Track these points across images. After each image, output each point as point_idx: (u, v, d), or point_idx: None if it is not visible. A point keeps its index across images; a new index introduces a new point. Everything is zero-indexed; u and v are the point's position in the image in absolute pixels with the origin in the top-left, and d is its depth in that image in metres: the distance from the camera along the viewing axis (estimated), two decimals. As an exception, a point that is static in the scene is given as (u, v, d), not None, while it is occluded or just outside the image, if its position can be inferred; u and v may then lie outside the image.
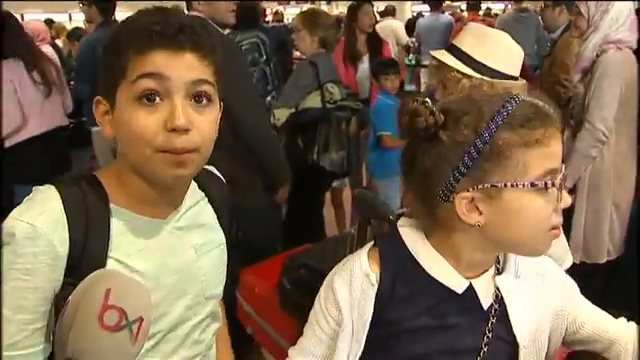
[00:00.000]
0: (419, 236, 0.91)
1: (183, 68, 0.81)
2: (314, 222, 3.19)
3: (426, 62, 6.81)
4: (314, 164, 2.93)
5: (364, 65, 3.92)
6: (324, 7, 16.94)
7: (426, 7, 9.88)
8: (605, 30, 2.28)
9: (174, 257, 0.91)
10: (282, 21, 10.09)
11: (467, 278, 0.89)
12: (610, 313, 1.01)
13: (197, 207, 0.98)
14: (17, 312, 0.74)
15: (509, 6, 16.15)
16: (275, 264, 2.14)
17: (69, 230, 0.79)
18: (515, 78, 1.65)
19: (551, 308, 0.96)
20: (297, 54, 7.01)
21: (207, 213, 1.00)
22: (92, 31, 3.60)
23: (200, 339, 0.97)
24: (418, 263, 0.89)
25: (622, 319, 0.99)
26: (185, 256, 0.93)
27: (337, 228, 3.70)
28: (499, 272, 0.92)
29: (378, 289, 0.90)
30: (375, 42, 4.07)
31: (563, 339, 0.98)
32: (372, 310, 0.90)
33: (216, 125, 0.88)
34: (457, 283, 0.88)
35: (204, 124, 0.83)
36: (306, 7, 19.64)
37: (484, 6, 11.42)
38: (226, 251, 1.04)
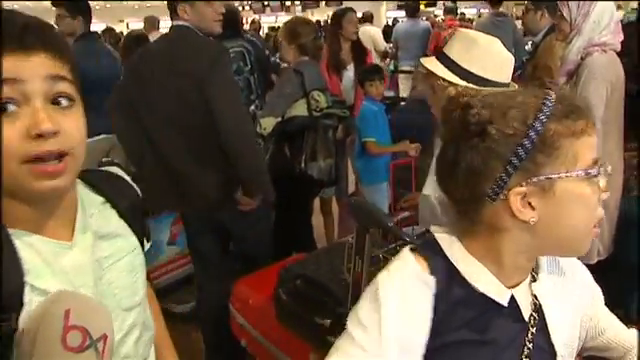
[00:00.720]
0: (456, 243, 0.87)
1: (36, 66, 0.75)
2: (303, 231, 3.17)
3: (405, 68, 6.86)
4: (302, 173, 2.91)
5: (349, 73, 3.92)
6: (298, 15, 16.98)
7: (402, 13, 9.98)
8: (588, 33, 2.31)
9: (84, 277, 0.85)
10: (259, 30, 10.06)
11: (507, 288, 0.87)
12: None
13: (98, 216, 0.92)
14: None
15: (482, 10, 16.43)
16: (269, 275, 2.11)
17: None
18: (505, 85, 1.66)
19: (581, 311, 0.95)
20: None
21: (110, 219, 0.94)
22: (72, 44, 3.51)
23: (131, 354, 0.92)
24: (458, 272, 0.86)
25: (633, 329, 0.99)
26: (94, 273, 0.87)
27: (326, 236, 3.68)
28: (534, 279, 0.91)
29: (435, 296, 0.84)
30: (359, 50, 4.06)
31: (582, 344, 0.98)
32: (432, 318, 0.83)
33: (83, 127, 0.81)
34: (500, 294, 0.85)
35: (71, 126, 0.77)
36: (282, 16, 19.76)
37: (458, 11, 11.56)
38: (141, 254, 0.99)
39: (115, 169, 1.01)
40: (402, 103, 4.73)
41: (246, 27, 9.04)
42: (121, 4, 23.63)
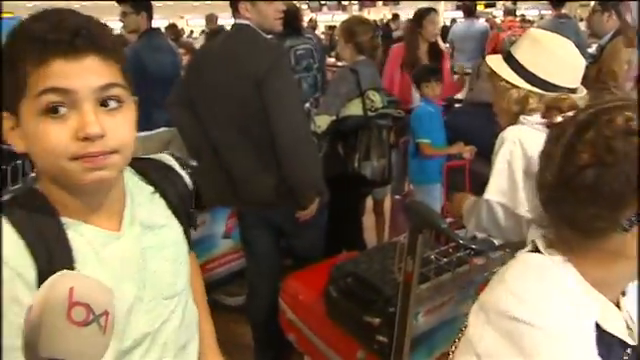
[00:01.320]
0: (570, 268, 0.79)
1: (87, 75, 0.76)
2: (354, 230, 3.18)
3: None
4: (355, 172, 2.92)
5: None
6: (355, 13, 16.97)
7: (460, 13, 9.82)
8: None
9: (130, 266, 0.89)
10: (315, 29, 10.12)
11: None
12: None
13: (146, 206, 0.94)
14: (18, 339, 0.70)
15: (543, 12, 15.98)
16: (319, 271, 2.14)
17: (29, 252, 0.78)
18: (573, 90, 1.61)
19: None
20: (331, 61, 7.08)
21: (158, 209, 0.97)
22: (137, 40, 3.64)
23: (170, 340, 0.95)
24: None
25: None
26: (139, 262, 0.90)
27: (377, 237, 3.68)
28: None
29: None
30: (437, 51, 3.98)
31: None
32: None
33: (131, 126, 0.83)
34: (623, 331, 0.79)
35: (118, 128, 0.80)
36: (338, 14, 19.78)
37: (518, 12, 11.27)
38: (185, 244, 1.01)
39: (166, 158, 1.04)
40: (457, 105, 4.66)
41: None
42: (183, 0, 24.22)
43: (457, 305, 1.83)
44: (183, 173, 1.04)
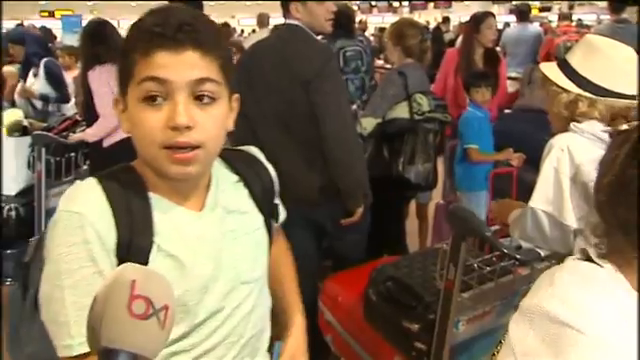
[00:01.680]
0: (622, 281, 0.77)
1: (184, 68, 0.81)
2: (395, 233, 3.15)
3: (512, 74, 6.61)
4: (399, 175, 2.90)
5: None
6: (405, 16, 16.85)
7: (513, 17, 9.60)
8: None
9: (208, 245, 0.92)
10: (365, 30, 10.10)
11: None
12: None
13: (229, 192, 0.98)
14: (90, 297, 0.73)
15: (601, 17, 15.49)
16: (359, 274, 2.13)
17: (115, 220, 0.84)
18: (631, 97, 1.55)
19: None
20: (379, 63, 7.06)
21: (241, 197, 1.00)
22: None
23: (241, 324, 0.98)
24: None
25: None
26: (218, 243, 0.94)
27: (419, 241, 3.64)
28: None
29: None
30: (493, 57, 3.90)
31: None
32: None
33: (221, 122, 0.88)
34: None
35: (207, 122, 0.84)
36: (388, 16, 19.70)
37: (575, 17, 10.95)
38: (266, 233, 1.03)
39: (253, 150, 1.09)
40: (507, 111, 4.57)
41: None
42: (235, 2, 24.59)
43: (499, 316, 1.79)
44: (268, 165, 1.08)
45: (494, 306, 1.77)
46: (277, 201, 1.09)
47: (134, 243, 0.85)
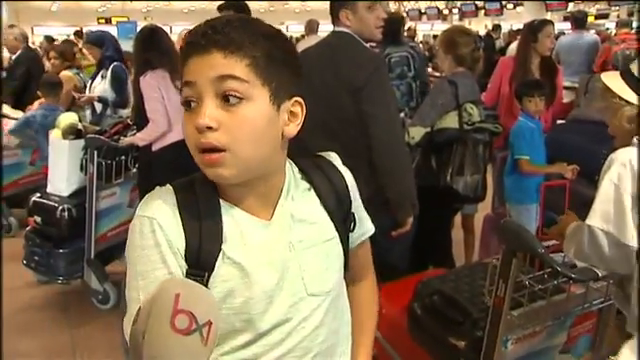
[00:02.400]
0: None
1: (207, 68, 0.82)
2: (442, 245, 3.09)
3: (566, 83, 6.42)
4: (447, 186, 2.84)
5: None
6: (455, 24, 16.62)
7: (566, 25, 9.34)
8: None
9: (274, 255, 0.91)
10: (414, 37, 10.02)
11: None
12: None
13: (299, 201, 0.96)
14: None
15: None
16: (404, 286, 2.09)
17: (183, 227, 0.85)
18: None
19: None
20: (428, 71, 6.98)
21: (311, 206, 0.97)
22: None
23: (310, 338, 0.95)
24: None
25: None
26: (285, 253, 0.92)
27: (465, 253, 3.56)
28: None
29: None
30: (550, 66, 3.80)
31: None
32: None
33: (253, 124, 0.84)
34: None
35: (233, 123, 0.82)
36: (438, 24, 19.51)
37: (635, 24, 10.56)
38: (339, 244, 0.99)
39: (332, 156, 1.06)
40: (560, 121, 4.43)
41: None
42: (283, 7, 24.85)
43: (550, 336, 1.72)
44: (345, 173, 1.04)
45: (546, 326, 1.70)
46: (354, 210, 1.04)
47: (202, 249, 0.86)
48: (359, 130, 2.15)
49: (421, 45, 10.40)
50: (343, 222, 1.01)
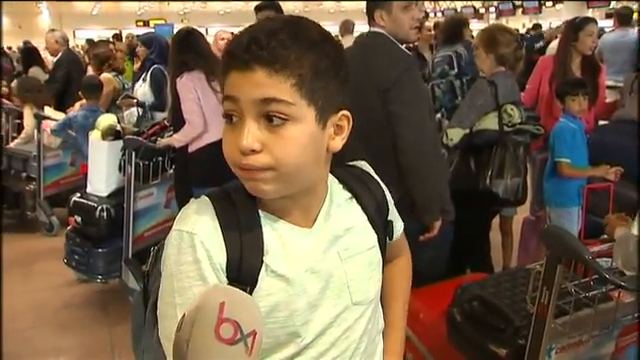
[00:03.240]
0: None
1: (250, 87, 0.78)
2: (480, 249, 3.03)
3: (609, 83, 6.23)
4: (486, 189, 2.78)
5: None
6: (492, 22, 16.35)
7: (609, 22, 9.05)
8: None
9: (318, 264, 0.89)
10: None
11: None
12: None
13: (342, 210, 0.94)
14: None
15: None
16: (442, 290, 2.05)
17: (224, 240, 0.83)
18: None
19: None
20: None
21: (354, 215, 0.96)
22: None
23: (352, 347, 0.94)
24: None
25: None
26: (329, 262, 0.91)
27: (503, 257, 3.48)
28: None
29: None
30: (592, 66, 3.68)
31: None
32: None
33: (300, 143, 0.81)
34: None
35: (277, 144, 0.79)
36: (474, 23, 19.24)
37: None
38: (379, 252, 0.99)
39: (365, 166, 1.05)
40: (603, 122, 4.30)
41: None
42: (318, 8, 24.91)
43: (597, 346, 1.65)
44: (382, 183, 1.04)
45: (592, 335, 1.64)
46: (391, 217, 1.04)
47: (244, 262, 0.83)
48: (387, 132, 2.12)
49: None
50: (383, 230, 1.00)
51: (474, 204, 2.76)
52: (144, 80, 4.74)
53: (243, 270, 0.83)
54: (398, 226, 1.08)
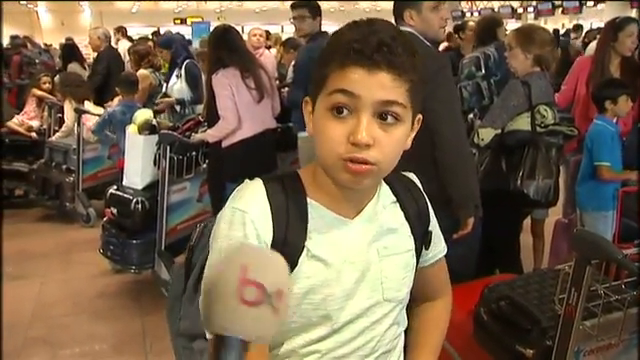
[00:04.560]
0: None
1: (374, 87, 0.82)
2: (510, 250, 2.99)
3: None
4: (517, 190, 2.75)
5: None
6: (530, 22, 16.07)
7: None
8: None
9: (358, 255, 0.94)
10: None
11: None
12: None
13: (386, 211, 0.99)
14: None
15: None
16: (470, 290, 2.04)
17: (272, 221, 0.89)
18: None
19: None
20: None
21: (396, 218, 1.01)
22: (308, 41, 3.82)
23: (377, 339, 0.99)
24: None
25: None
26: (368, 256, 0.95)
27: (534, 259, 3.44)
28: None
29: None
30: (632, 67, 3.58)
31: None
32: None
33: (401, 143, 0.88)
34: None
35: (387, 142, 0.85)
36: (512, 22, 18.94)
37: None
38: (414, 257, 1.03)
39: (412, 176, 1.09)
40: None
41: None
42: (354, 7, 24.89)
43: (627, 350, 1.63)
44: (425, 195, 1.08)
45: (622, 339, 1.62)
46: (431, 229, 1.08)
47: (287, 244, 0.89)
48: (424, 131, 2.12)
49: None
50: (422, 238, 1.05)
51: (504, 205, 2.74)
52: (178, 77, 4.83)
53: (286, 251, 0.84)
54: (440, 246, 1.12)
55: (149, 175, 3.58)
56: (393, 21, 2.32)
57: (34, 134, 5.60)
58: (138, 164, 3.59)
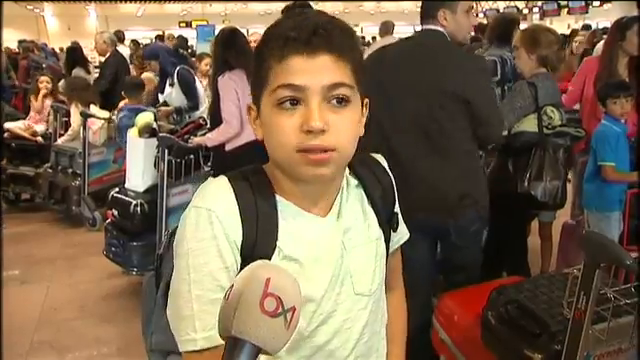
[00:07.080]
0: None
1: (318, 73, 0.81)
2: (518, 253, 2.97)
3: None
4: (524, 191, 2.73)
5: None
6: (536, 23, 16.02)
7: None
8: None
9: (327, 252, 0.91)
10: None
11: None
12: None
13: (352, 199, 0.96)
14: (216, 292, 0.81)
15: None
16: (477, 293, 2.03)
17: (241, 221, 0.85)
18: None
19: None
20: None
21: (362, 204, 0.98)
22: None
23: (355, 338, 0.95)
24: None
25: None
26: (336, 251, 0.92)
27: (541, 262, 3.41)
28: None
29: None
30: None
31: None
32: None
33: (356, 124, 0.86)
34: None
35: (341, 124, 0.83)
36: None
37: None
38: (383, 243, 1.00)
39: (378, 156, 1.06)
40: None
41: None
42: (358, 9, 24.88)
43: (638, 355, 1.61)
44: (390, 173, 1.05)
45: (633, 344, 1.60)
46: (397, 210, 1.05)
47: (258, 244, 0.85)
48: (451, 129, 2.13)
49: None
50: (388, 222, 1.02)
51: (512, 206, 2.72)
52: (171, 85, 4.83)
53: (256, 252, 0.85)
54: (402, 232, 1.09)
55: (151, 178, 3.58)
56: (418, 21, 2.32)
57: (40, 138, 5.61)
58: (139, 167, 3.59)
